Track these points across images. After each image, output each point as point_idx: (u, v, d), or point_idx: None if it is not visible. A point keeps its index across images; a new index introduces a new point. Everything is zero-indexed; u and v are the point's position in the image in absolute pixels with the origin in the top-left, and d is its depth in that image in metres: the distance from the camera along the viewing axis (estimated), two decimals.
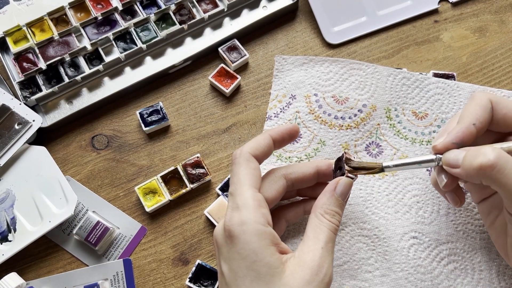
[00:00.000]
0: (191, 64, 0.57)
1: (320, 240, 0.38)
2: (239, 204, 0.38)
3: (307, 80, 0.55)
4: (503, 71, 0.56)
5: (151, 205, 0.50)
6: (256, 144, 0.42)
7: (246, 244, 0.37)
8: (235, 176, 0.40)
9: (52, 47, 0.56)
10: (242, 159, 0.41)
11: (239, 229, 0.37)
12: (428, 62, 0.57)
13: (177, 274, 0.49)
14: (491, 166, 0.36)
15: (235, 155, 0.42)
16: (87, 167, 0.53)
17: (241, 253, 0.37)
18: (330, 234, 0.39)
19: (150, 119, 0.53)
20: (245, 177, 0.40)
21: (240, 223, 0.37)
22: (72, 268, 0.49)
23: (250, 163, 0.41)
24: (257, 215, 0.38)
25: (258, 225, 0.37)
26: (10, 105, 0.52)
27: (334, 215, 0.40)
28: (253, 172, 0.40)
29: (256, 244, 0.36)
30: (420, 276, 0.47)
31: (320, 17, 0.58)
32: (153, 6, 0.58)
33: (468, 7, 0.60)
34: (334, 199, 0.40)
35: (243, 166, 0.40)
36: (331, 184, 0.41)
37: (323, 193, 0.41)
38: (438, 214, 0.49)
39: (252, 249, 0.36)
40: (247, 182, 0.40)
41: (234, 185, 0.40)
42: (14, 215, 0.49)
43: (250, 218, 0.37)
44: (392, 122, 0.53)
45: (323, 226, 0.39)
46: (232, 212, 0.38)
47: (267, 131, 0.44)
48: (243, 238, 0.37)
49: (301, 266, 0.37)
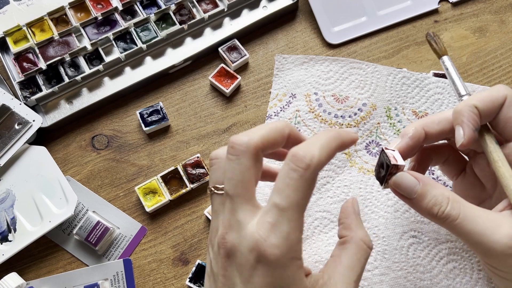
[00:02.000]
0: (191, 64, 0.57)
1: (356, 272, 0.34)
2: (275, 223, 0.31)
3: (307, 79, 0.55)
4: (503, 71, 0.56)
5: (151, 205, 0.50)
6: (268, 136, 0.33)
7: (281, 278, 0.30)
8: (242, 174, 0.32)
9: (52, 47, 0.56)
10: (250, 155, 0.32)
11: (283, 256, 0.30)
12: (428, 62, 0.57)
13: (177, 274, 0.49)
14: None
15: (240, 144, 0.32)
16: (87, 167, 0.53)
17: (273, 285, 0.31)
18: (364, 265, 0.35)
19: (150, 119, 0.53)
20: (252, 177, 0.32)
21: (286, 250, 0.30)
22: (72, 268, 0.49)
23: (259, 160, 0.33)
24: (295, 247, 0.31)
25: (297, 253, 0.31)
26: (10, 105, 0.52)
27: (369, 241, 0.35)
28: (260, 169, 0.33)
29: (291, 279, 0.31)
30: (419, 275, 0.47)
31: (320, 17, 0.58)
32: (153, 6, 0.58)
33: (468, 7, 0.60)
34: (360, 219, 0.36)
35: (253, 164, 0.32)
36: (350, 206, 0.37)
37: (347, 216, 0.36)
38: None
39: (286, 282, 0.31)
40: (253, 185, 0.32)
41: (237, 185, 0.32)
42: (14, 215, 0.49)
43: (290, 250, 0.30)
44: (392, 121, 0.53)
45: (360, 255, 0.34)
46: (269, 228, 0.30)
47: (286, 123, 0.35)
48: (279, 271, 0.30)
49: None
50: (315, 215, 0.50)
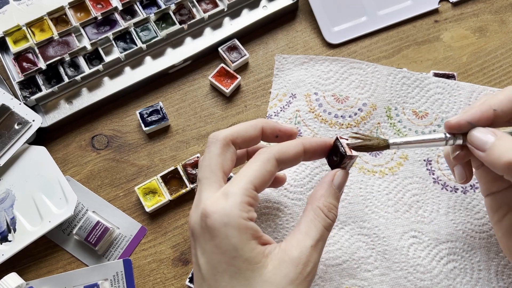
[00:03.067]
0: (191, 64, 0.57)
1: (312, 237, 0.36)
2: (226, 192, 0.36)
3: (307, 79, 0.55)
4: (503, 71, 0.56)
5: (151, 205, 0.50)
6: (240, 130, 0.40)
7: (226, 238, 0.34)
8: (210, 159, 0.38)
9: (52, 47, 0.56)
10: (220, 143, 0.39)
11: (220, 222, 0.34)
12: (428, 62, 0.57)
13: (177, 274, 0.49)
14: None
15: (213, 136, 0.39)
16: (87, 167, 0.53)
17: (220, 247, 0.34)
18: (323, 231, 0.37)
19: (150, 119, 0.53)
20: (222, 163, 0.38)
21: (223, 215, 0.34)
22: (72, 268, 0.49)
23: (229, 148, 0.39)
24: (242, 208, 0.35)
25: (240, 220, 0.34)
26: (10, 105, 0.52)
27: (331, 209, 0.38)
28: (229, 158, 0.39)
29: (237, 239, 0.34)
30: (420, 275, 0.47)
31: (320, 17, 0.58)
32: (153, 6, 0.58)
33: (468, 7, 0.60)
34: (332, 191, 0.38)
35: (221, 150, 0.39)
36: (329, 176, 0.39)
37: (320, 184, 0.39)
38: (438, 214, 0.49)
39: (232, 244, 0.34)
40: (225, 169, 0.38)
41: (205, 170, 0.38)
42: (14, 215, 0.49)
43: (235, 210, 0.35)
44: (392, 121, 0.53)
45: (317, 221, 0.37)
46: (215, 200, 0.35)
47: (261, 119, 0.42)
48: (224, 231, 0.34)
49: (286, 262, 0.35)
50: None
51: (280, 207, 0.50)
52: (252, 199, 0.36)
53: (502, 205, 0.42)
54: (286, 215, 0.49)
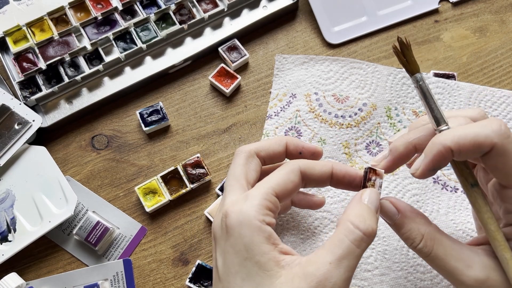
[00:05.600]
0: (191, 64, 0.57)
1: (333, 253, 0.33)
2: (247, 194, 0.36)
3: (307, 79, 0.55)
4: (503, 71, 0.56)
5: (151, 205, 0.50)
6: (264, 144, 0.41)
7: (240, 237, 0.34)
8: (235, 169, 0.39)
9: (52, 47, 0.56)
10: (244, 155, 0.40)
11: (236, 220, 0.34)
12: (428, 62, 0.57)
13: (177, 274, 0.49)
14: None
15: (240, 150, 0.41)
16: (87, 167, 0.53)
17: (234, 247, 0.34)
18: (350, 247, 0.34)
19: (150, 119, 0.53)
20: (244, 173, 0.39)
21: (239, 214, 0.34)
22: (72, 268, 0.49)
23: (253, 159, 0.40)
24: (259, 210, 0.35)
25: (255, 221, 0.34)
26: (10, 105, 0.52)
27: (364, 220, 0.35)
28: (253, 168, 0.40)
29: (248, 239, 0.34)
30: (420, 275, 0.47)
31: (320, 17, 0.58)
32: (153, 6, 0.58)
33: (469, 7, 0.60)
34: (364, 205, 0.36)
35: (244, 162, 0.40)
36: (357, 195, 0.37)
37: (349, 204, 0.37)
38: (438, 214, 0.49)
39: (244, 244, 0.34)
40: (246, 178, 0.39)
41: (229, 178, 0.39)
42: (14, 215, 0.49)
43: (251, 210, 0.34)
44: (392, 121, 0.53)
45: (343, 235, 0.34)
46: (235, 201, 0.36)
47: (285, 136, 0.44)
48: (238, 231, 0.34)
49: (299, 277, 0.33)
50: (315, 215, 0.49)
51: None
52: (272, 204, 0.36)
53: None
54: (286, 215, 0.49)
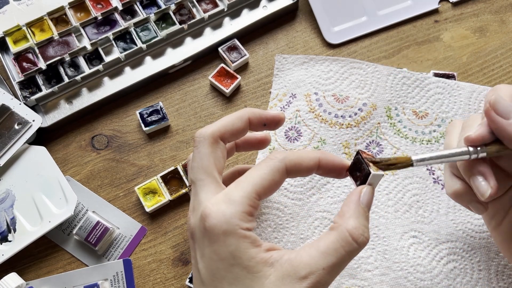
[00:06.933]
0: (191, 64, 0.57)
1: (327, 260, 0.33)
2: (229, 197, 0.34)
3: (307, 79, 0.55)
4: (503, 71, 0.56)
5: (151, 205, 0.50)
6: (226, 124, 0.38)
7: (225, 246, 0.33)
8: (201, 159, 0.37)
9: (52, 47, 0.56)
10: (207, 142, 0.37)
11: (219, 228, 0.33)
12: (428, 62, 0.57)
13: (177, 274, 0.49)
14: None
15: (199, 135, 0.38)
16: (87, 167, 0.53)
17: (219, 254, 0.33)
18: (344, 257, 0.33)
19: (150, 119, 0.53)
20: (213, 163, 0.36)
21: (223, 222, 0.33)
22: (72, 268, 0.49)
23: (219, 145, 0.37)
24: (243, 217, 0.33)
25: (239, 230, 0.33)
26: (10, 105, 0.52)
27: (363, 232, 0.34)
28: (220, 156, 0.37)
29: (234, 247, 0.33)
30: (420, 275, 0.47)
31: (320, 17, 0.58)
32: (153, 6, 0.58)
33: (469, 7, 0.60)
34: (361, 210, 0.35)
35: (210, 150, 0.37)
36: (355, 194, 0.35)
37: (346, 203, 0.35)
38: (438, 214, 0.49)
39: (230, 252, 0.33)
40: (215, 169, 0.36)
41: (197, 171, 0.36)
42: (14, 215, 0.49)
43: (235, 218, 0.33)
44: (393, 121, 0.53)
45: (339, 246, 0.33)
46: (214, 202, 0.34)
47: (246, 109, 0.40)
48: (222, 239, 0.33)
49: (290, 278, 0.32)
50: (315, 215, 0.49)
51: (280, 207, 0.50)
52: (254, 209, 0.35)
53: (498, 210, 0.41)
54: (286, 215, 0.49)
